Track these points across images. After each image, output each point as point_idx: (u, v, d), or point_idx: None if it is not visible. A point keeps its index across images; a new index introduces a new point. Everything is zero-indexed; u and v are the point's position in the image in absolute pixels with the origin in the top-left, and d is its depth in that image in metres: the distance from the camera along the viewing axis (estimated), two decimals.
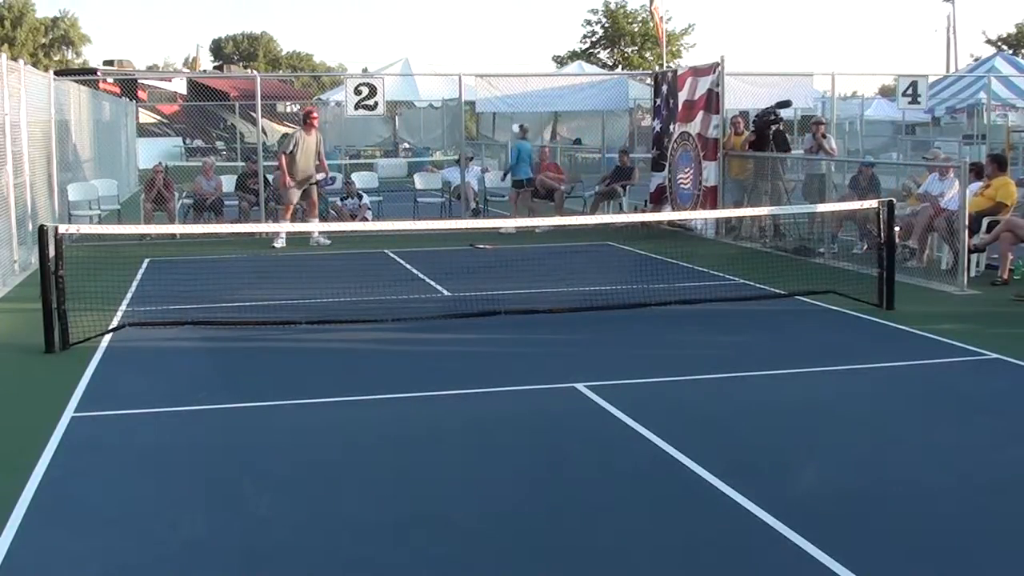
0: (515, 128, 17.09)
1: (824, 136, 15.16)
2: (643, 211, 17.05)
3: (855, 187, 13.91)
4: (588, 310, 9.90)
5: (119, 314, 9.97)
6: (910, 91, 18.76)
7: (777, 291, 10.78)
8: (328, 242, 15.32)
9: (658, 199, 17.61)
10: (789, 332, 9.46)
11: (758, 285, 11.36)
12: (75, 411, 6.83)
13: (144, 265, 13.34)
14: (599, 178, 19.08)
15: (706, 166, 15.97)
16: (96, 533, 4.89)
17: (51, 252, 8.48)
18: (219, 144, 36.10)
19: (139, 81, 38.96)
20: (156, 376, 7.85)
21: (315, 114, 15.83)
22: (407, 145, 35.01)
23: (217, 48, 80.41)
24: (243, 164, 21.20)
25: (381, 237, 15.20)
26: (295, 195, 15.17)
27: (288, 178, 15.03)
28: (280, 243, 15.25)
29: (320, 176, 15.50)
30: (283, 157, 15.18)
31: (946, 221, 11.85)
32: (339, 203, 17.29)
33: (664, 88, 17.66)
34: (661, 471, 5.65)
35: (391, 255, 14.25)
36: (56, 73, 20.39)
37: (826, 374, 7.77)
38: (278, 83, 47.62)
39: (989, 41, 54.25)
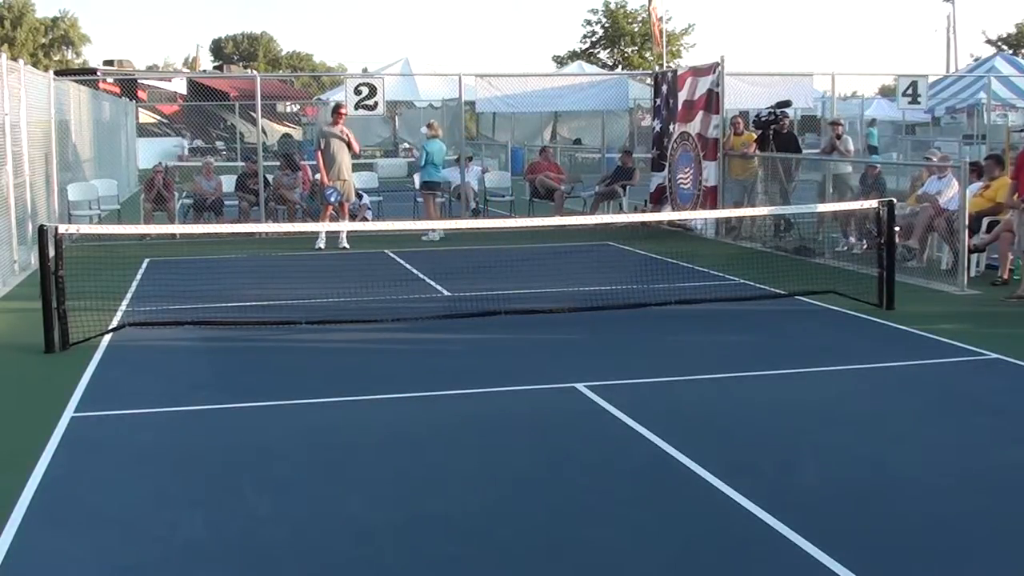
0: (423, 129, 16.68)
1: (839, 137, 15.12)
2: (643, 211, 17.05)
3: (862, 184, 13.96)
4: (588, 310, 9.90)
5: (119, 314, 9.97)
6: (910, 91, 18.75)
7: (777, 291, 10.78)
8: (348, 246, 15.18)
9: (658, 199, 17.61)
10: (789, 332, 9.46)
11: (758, 285, 11.36)
12: (75, 411, 6.83)
13: (144, 265, 13.34)
14: (599, 178, 19.07)
15: (706, 166, 15.98)
16: (96, 533, 4.89)
17: (51, 252, 8.49)
18: (219, 144, 36.08)
19: (139, 81, 38.95)
20: (156, 376, 7.85)
21: (344, 109, 15.77)
22: (407, 145, 35.00)
23: (217, 48, 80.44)
24: (243, 164, 21.19)
25: (381, 237, 15.20)
26: (333, 194, 15.09)
27: (326, 177, 15.00)
28: (321, 243, 15.14)
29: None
30: (319, 156, 15.18)
31: (946, 221, 11.86)
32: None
33: (664, 88, 17.66)
34: (661, 471, 5.65)
35: (391, 255, 14.25)
36: (56, 73, 20.39)
37: (826, 374, 7.77)
38: (278, 83, 47.59)
39: (989, 41, 54.36)
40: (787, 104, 16.24)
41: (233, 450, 6.12)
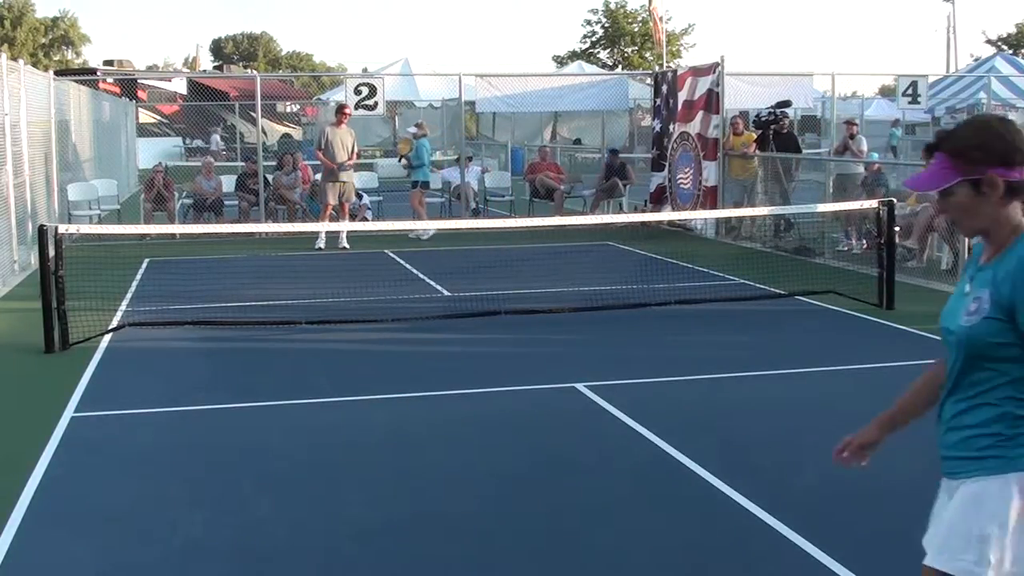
0: (411, 129, 16.75)
1: (852, 136, 15.08)
2: (643, 211, 17.05)
3: (863, 184, 13.96)
4: (588, 310, 9.90)
5: (119, 314, 9.97)
6: (910, 91, 18.76)
7: (777, 291, 10.78)
8: (348, 246, 15.11)
9: (658, 199, 17.61)
10: (789, 332, 9.45)
11: (758, 285, 11.36)
12: (75, 411, 6.83)
13: (144, 265, 13.34)
14: (596, 178, 19.00)
15: (706, 166, 15.97)
16: (96, 533, 4.89)
17: (51, 252, 8.49)
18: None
19: (139, 81, 38.94)
20: (156, 376, 7.85)
21: (348, 109, 15.74)
22: None
23: (217, 48, 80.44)
24: (243, 164, 21.19)
25: (381, 237, 15.21)
26: (332, 195, 15.00)
27: (331, 163, 14.98)
28: (320, 243, 15.10)
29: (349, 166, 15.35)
30: (319, 154, 15.17)
31: (946, 221, 11.84)
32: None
33: (664, 88, 17.66)
34: (661, 471, 5.65)
35: (391, 255, 14.25)
36: (56, 73, 20.39)
37: (826, 374, 7.77)
38: (278, 83, 47.57)
39: (989, 41, 54.38)
40: (787, 104, 16.24)
41: (233, 450, 6.12)
